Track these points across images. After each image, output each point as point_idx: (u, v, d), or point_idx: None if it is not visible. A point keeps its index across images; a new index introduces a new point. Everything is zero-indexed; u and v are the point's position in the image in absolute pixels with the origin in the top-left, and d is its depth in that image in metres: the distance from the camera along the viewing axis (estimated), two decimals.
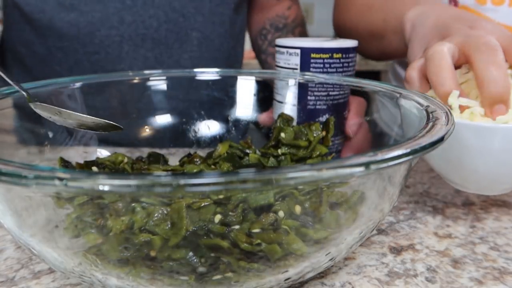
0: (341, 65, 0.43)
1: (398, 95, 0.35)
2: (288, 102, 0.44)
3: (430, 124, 0.26)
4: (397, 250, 0.34)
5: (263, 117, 0.47)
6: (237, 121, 0.47)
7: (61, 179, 0.17)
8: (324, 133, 0.42)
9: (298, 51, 0.43)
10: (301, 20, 0.74)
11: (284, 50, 0.44)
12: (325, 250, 0.26)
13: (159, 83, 0.46)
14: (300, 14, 0.74)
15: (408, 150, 0.21)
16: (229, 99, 0.47)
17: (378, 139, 0.45)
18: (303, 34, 0.73)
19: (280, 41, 0.45)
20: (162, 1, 0.58)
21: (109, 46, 0.58)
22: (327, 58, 0.42)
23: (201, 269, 0.25)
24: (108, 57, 0.59)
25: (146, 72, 0.46)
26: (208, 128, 0.47)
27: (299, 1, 0.76)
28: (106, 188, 0.17)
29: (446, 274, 0.31)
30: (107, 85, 0.43)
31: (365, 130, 0.45)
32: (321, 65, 0.42)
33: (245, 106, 0.48)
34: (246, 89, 0.47)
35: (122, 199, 0.29)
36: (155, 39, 0.60)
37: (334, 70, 0.43)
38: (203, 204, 0.28)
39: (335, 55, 0.42)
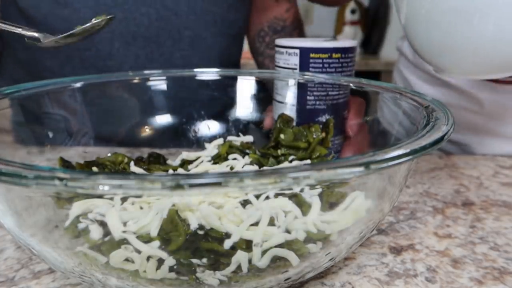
0: (340, 65, 0.43)
1: (398, 95, 0.35)
2: (287, 102, 0.44)
3: (430, 124, 0.26)
4: (397, 250, 0.34)
5: (267, 122, 0.47)
6: (237, 121, 0.47)
7: (61, 179, 0.17)
8: (323, 134, 0.42)
9: (297, 51, 0.43)
10: (299, 22, 0.74)
11: (283, 50, 0.44)
12: (325, 250, 0.26)
13: (159, 83, 0.46)
14: (298, 16, 0.74)
15: (408, 150, 0.21)
16: (229, 99, 0.47)
17: (379, 139, 0.45)
18: (301, 36, 0.73)
19: (279, 41, 0.45)
20: None
21: (100, 43, 0.58)
22: (326, 58, 0.42)
23: (201, 269, 0.25)
24: (99, 54, 0.59)
25: (146, 72, 0.46)
26: (208, 128, 0.47)
27: (297, 3, 0.76)
28: (106, 188, 0.17)
29: (446, 274, 0.31)
30: (107, 85, 0.43)
31: (364, 130, 0.45)
32: (320, 65, 0.42)
33: (245, 106, 0.48)
34: (246, 89, 0.47)
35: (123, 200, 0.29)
36: (146, 37, 0.59)
37: (333, 70, 0.43)
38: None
39: (334, 55, 0.42)
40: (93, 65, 0.59)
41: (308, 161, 0.41)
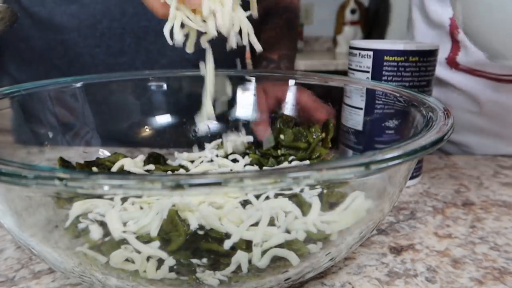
0: (417, 69, 0.40)
1: (398, 95, 0.35)
2: (355, 106, 0.42)
3: (430, 124, 0.26)
4: (397, 250, 0.34)
5: (260, 133, 0.46)
6: (237, 121, 0.47)
7: (61, 179, 0.17)
8: (323, 134, 0.42)
9: (371, 53, 0.41)
10: (294, 7, 0.74)
11: (357, 52, 0.42)
12: (325, 250, 0.26)
13: (159, 83, 0.46)
14: (294, 2, 0.74)
15: (408, 150, 0.21)
16: (229, 99, 0.47)
17: None
18: (293, 21, 0.73)
19: (354, 43, 0.43)
20: None
21: (111, 39, 0.58)
22: (401, 61, 0.40)
23: (201, 269, 0.25)
24: (110, 50, 0.58)
25: (146, 72, 0.46)
26: (208, 128, 0.47)
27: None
28: (106, 188, 0.17)
29: (446, 274, 0.31)
30: (107, 85, 0.43)
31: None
32: (395, 69, 0.40)
33: (245, 106, 0.48)
34: (246, 89, 0.47)
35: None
36: (158, 31, 0.59)
37: (409, 74, 0.40)
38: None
39: (411, 58, 0.40)
40: (104, 61, 0.58)
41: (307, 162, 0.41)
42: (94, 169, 0.39)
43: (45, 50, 0.59)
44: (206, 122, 0.47)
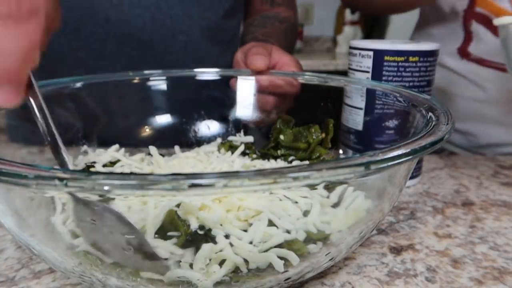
0: (417, 69, 0.40)
1: (398, 94, 0.35)
2: (356, 106, 0.42)
3: (430, 124, 0.26)
4: (397, 250, 0.34)
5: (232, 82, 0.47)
6: (237, 121, 0.47)
7: (61, 179, 0.17)
8: (323, 135, 0.42)
9: (371, 53, 0.41)
10: (293, 20, 0.74)
11: (357, 52, 0.42)
12: (325, 250, 0.26)
13: (159, 83, 0.46)
14: (293, 16, 0.74)
15: (408, 150, 0.21)
16: (229, 99, 0.47)
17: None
18: (292, 32, 0.73)
19: (354, 43, 0.43)
20: (149, 1, 0.59)
21: (94, 43, 0.58)
22: (402, 62, 0.40)
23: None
24: (92, 54, 0.59)
25: (146, 72, 0.46)
26: (208, 128, 0.47)
27: (296, 9, 0.75)
28: (106, 188, 0.17)
29: (446, 274, 0.31)
30: (107, 85, 0.43)
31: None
32: (395, 69, 0.40)
33: (245, 106, 0.48)
34: (246, 89, 0.47)
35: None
36: (140, 39, 0.60)
37: (410, 74, 0.41)
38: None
39: (411, 59, 0.40)
40: (86, 64, 0.59)
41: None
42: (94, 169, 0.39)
43: None
44: (206, 122, 0.47)
